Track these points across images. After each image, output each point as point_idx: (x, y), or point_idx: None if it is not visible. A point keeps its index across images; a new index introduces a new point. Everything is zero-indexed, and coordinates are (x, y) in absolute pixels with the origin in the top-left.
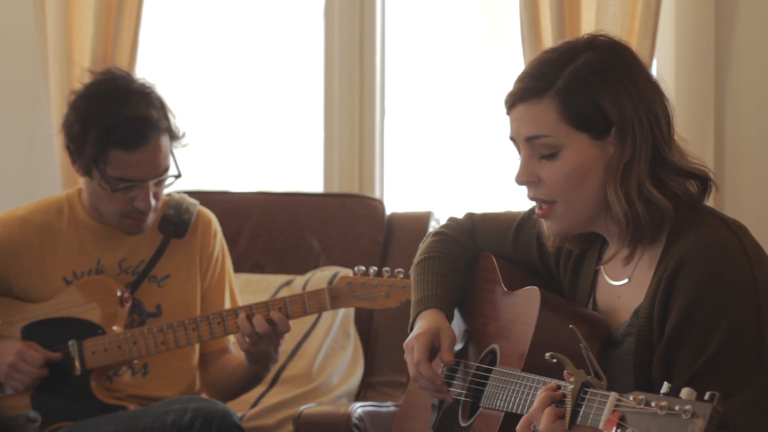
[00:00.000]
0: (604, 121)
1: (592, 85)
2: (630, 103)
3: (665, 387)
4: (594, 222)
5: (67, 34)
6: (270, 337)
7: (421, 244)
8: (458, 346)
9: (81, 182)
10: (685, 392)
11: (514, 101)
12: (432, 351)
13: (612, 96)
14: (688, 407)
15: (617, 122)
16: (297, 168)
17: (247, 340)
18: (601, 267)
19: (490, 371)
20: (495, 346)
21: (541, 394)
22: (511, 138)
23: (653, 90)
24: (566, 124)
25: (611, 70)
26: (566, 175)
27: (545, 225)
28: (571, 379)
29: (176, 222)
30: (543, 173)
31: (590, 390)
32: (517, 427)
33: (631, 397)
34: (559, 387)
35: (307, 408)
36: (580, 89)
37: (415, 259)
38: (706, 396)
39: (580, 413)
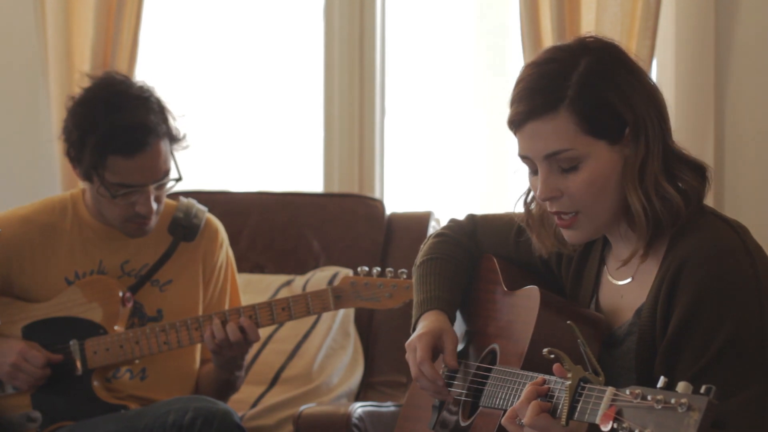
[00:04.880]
0: (619, 124)
1: (603, 90)
2: (639, 100)
3: (662, 381)
4: (612, 225)
5: (67, 34)
6: (241, 345)
7: (422, 246)
8: (459, 347)
9: (83, 183)
10: (681, 386)
11: (524, 119)
12: (434, 352)
13: (622, 97)
14: (683, 400)
15: (631, 122)
16: (297, 168)
17: (216, 342)
18: (605, 267)
19: (489, 371)
20: (495, 345)
21: (527, 388)
22: (523, 156)
23: (650, 82)
24: (585, 135)
25: (615, 71)
26: (590, 185)
27: (567, 234)
28: (569, 375)
29: (185, 225)
30: (565, 186)
31: (588, 385)
32: (502, 420)
33: (627, 392)
34: (545, 382)
35: (307, 408)
36: (592, 96)
37: (417, 261)
38: (702, 389)
39: (578, 408)
